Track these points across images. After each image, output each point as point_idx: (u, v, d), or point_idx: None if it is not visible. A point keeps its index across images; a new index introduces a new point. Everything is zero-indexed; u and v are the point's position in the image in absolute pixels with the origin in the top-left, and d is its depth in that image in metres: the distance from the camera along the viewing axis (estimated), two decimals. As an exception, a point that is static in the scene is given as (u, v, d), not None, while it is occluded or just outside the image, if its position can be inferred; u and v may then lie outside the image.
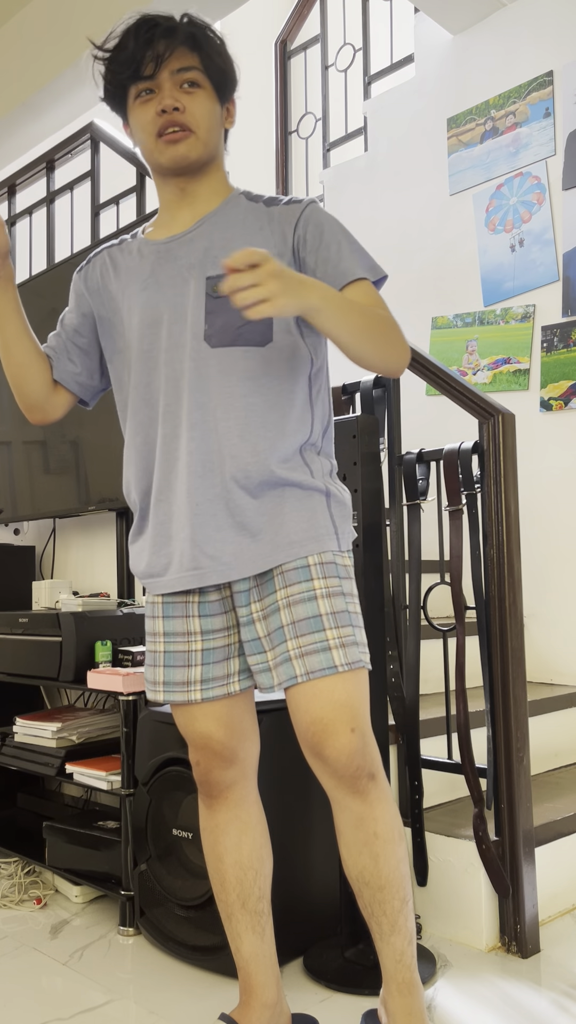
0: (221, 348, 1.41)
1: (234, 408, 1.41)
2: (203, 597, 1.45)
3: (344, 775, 1.37)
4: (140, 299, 1.46)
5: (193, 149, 1.42)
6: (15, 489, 3.11)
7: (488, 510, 1.92)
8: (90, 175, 3.32)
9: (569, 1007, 1.65)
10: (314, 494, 1.44)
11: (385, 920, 1.41)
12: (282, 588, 1.40)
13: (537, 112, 3.12)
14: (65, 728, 2.35)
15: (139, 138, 1.46)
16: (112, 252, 1.55)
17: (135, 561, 1.51)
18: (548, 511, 3.01)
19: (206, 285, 1.42)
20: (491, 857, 1.86)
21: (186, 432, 1.41)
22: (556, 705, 2.63)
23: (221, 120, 1.47)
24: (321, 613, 1.38)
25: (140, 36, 1.39)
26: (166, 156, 1.42)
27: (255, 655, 1.44)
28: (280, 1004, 1.52)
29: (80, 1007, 1.71)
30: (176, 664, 1.46)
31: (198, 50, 1.40)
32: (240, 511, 1.40)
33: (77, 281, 1.58)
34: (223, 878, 1.51)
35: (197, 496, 1.40)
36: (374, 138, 3.69)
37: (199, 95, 1.41)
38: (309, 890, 1.89)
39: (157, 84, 1.40)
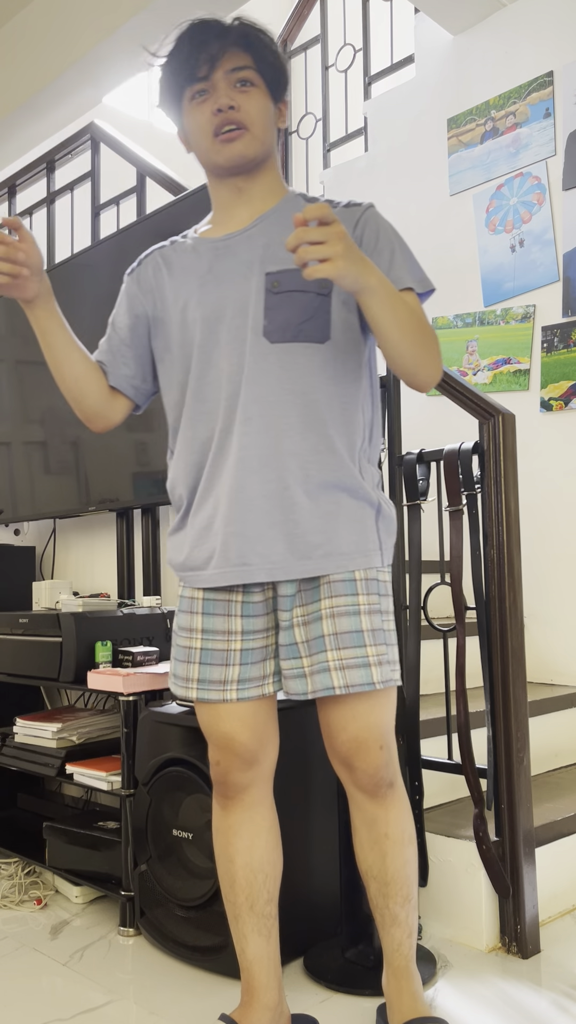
0: (281, 344, 1.41)
1: (295, 405, 1.41)
2: (247, 597, 1.45)
3: (367, 785, 1.46)
4: (197, 295, 1.46)
5: (250, 147, 1.43)
6: (15, 489, 3.11)
7: (488, 510, 1.92)
8: (90, 175, 3.33)
9: (569, 1007, 1.65)
10: (365, 506, 1.45)
11: (388, 913, 1.50)
12: (327, 598, 1.42)
13: (537, 112, 3.12)
14: (65, 728, 2.35)
15: (195, 139, 1.46)
16: (164, 252, 1.55)
17: (173, 554, 1.51)
18: (548, 511, 3.01)
19: (266, 281, 1.42)
20: (491, 857, 1.86)
21: (240, 426, 1.41)
22: (556, 705, 2.63)
23: (275, 119, 1.48)
24: (363, 629, 1.42)
25: (193, 39, 1.41)
26: (223, 155, 1.43)
27: (290, 660, 1.44)
28: (281, 1006, 1.53)
29: (80, 1007, 1.71)
30: (214, 662, 1.46)
31: (251, 50, 1.42)
32: (295, 510, 1.40)
33: (129, 283, 1.57)
34: (233, 879, 1.52)
35: (250, 491, 1.40)
36: (374, 138, 3.69)
37: (253, 93, 1.42)
38: (309, 891, 1.89)
39: (211, 84, 1.41)
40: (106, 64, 3.09)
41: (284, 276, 1.42)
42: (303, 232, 1.19)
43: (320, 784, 1.92)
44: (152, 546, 2.74)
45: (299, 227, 1.20)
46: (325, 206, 1.20)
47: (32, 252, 1.38)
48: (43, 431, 2.99)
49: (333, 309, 1.43)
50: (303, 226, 1.20)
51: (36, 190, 4.32)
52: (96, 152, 3.33)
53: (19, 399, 3.10)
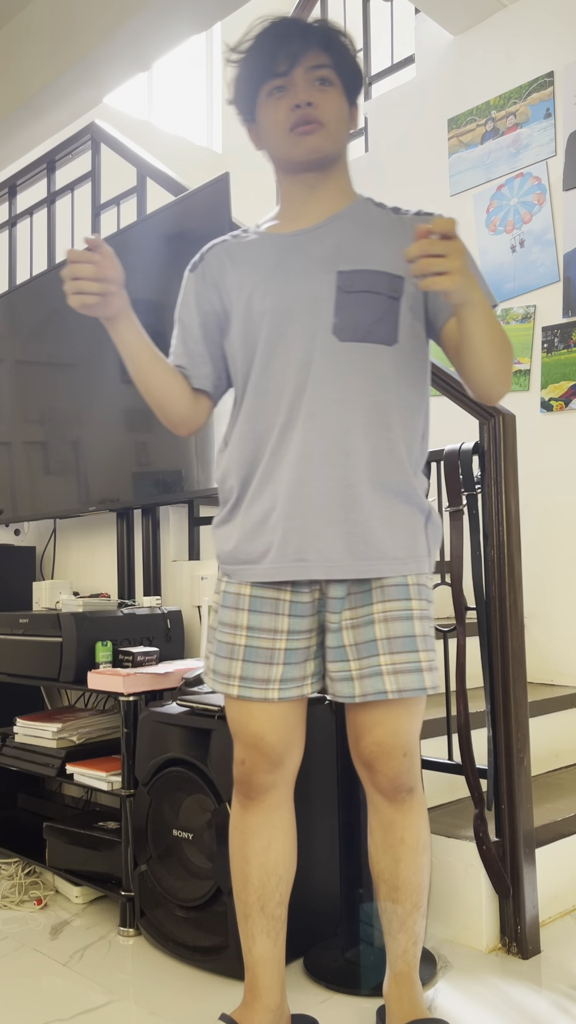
0: (350, 343, 1.41)
1: (361, 404, 1.41)
2: (296, 596, 1.45)
3: (386, 788, 1.47)
4: (262, 289, 1.46)
5: (325, 143, 1.43)
6: (16, 490, 3.11)
7: (488, 511, 1.92)
8: (91, 176, 3.32)
9: (569, 1008, 1.65)
10: (416, 511, 1.46)
11: (395, 919, 1.50)
12: (380, 602, 1.42)
13: (538, 113, 3.12)
14: (65, 729, 2.35)
15: (269, 134, 1.46)
16: (227, 245, 1.54)
17: (220, 545, 1.50)
18: (549, 511, 3.01)
19: (337, 279, 1.42)
20: (491, 858, 1.86)
21: (303, 423, 1.41)
22: (557, 706, 2.63)
23: (348, 120, 1.48)
24: (416, 634, 1.43)
25: (277, 35, 1.42)
26: (299, 149, 1.43)
27: (337, 662, 1.44)
28: (282, 1008, 1.53)
29: (80, 1008, 1.71)
30: (258, 660, 1.45)
31: (331, 50, 1.43)
32: (355, 509, 1.40)
33: (193, 279, 1.55)
34: (246, 878, 1.51)
35: (312, 488, 1.40)
36: (375, 139, 3.69)
37: (331, 92, 1.43)
38: (310, 892, 1.89)
39: (290, 81, 1.42)
40: (106, 64, 3.08)
41: (356, 276, 1.42)
42: (427, 244, 1.19)
43: (321, 785, 1.92)
44: (152, 546, 2.74)
45: (421, 238, 1.20)
46: (451, 221, 1.21)
47: (115, 268, 1.37)
48: (43, 431, 2.99)
49: (401, 313, 1.43)
50: (425, 238, 1.20)
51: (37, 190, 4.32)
52: (96, 152, 3.33)
53: (19, 399, 3.10)
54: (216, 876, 1.80)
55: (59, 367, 2.94)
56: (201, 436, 2.46)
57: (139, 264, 2.66)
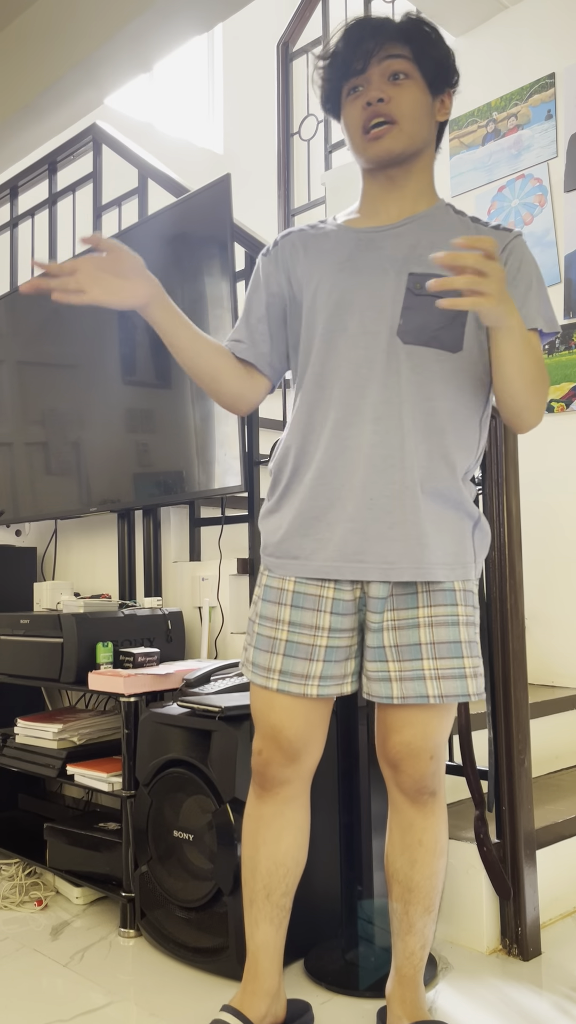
0: (412, 346, 1.41)
1: (421, 409, 1.41)
2: (339, 593, 1.44)
3: (409, 789, 1.47)
4: (331, 280, 1.45)
5: (397, 141, 1.42)
6: (17, 490, 3.11)
7: (490, 512, 1.92)
8: (92, 177, 3.33)
9: (570, 1010, 1.65)
10: (465, 517, 1.46)
11: (406, 920, 1.50)
12: (426, 606, 1.42)
13: (539, 114, 3.12)
14: (66, 729, 2.35)
15: (348, 134, 1.47)
16: (303, 234, 1.54)
17: (268, 537, 1.50)
18: (549, 513, 3.01)
19: (408, 280, 1.42)
20: (492, 859, 1.86)
21: (370, 424, 1.41)
22: (557, 707, 2.63)
23: (432, 112, 1.46)
24: (461, 640, 1.43)
25: (351, 36, 1.42)
26: (370, 152, 1.43)
27: (376, 662, 1.44)
28: (279, 993, 1.55)
29: (81, 1009, 1.71)
30: (299, 656, 1.45)
31: (410, 42, 1.41)
32: (413, 512, 1.40)
33: (264, 263, 1.56)
34: (255, 866, 1.52)
35: (373, 491, 1.40)
36: (376, 140, 3.69)
37: (407, 85, 1.41)
38: (311, 892, 1.89)
39: (366, 79, 1.42)
40: (108, 66, 3.09)
41: (428, 280, 1.40)
42: (471, 259, 1.17)
43: (322, 786, 1.92)
44: (153, 547, 2.74)
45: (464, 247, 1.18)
46: (495, 242, 1.19)
47: (126, 259, 1.36)
48: (44, 432, 2.99)
49: (468, 322, 1.43)
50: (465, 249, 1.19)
51: (38, 191, 4.32)
52: (98, 153, 3.33)
53: (21, 400, 3.10)
54: (217, 877, 1.80)
55: (60, 368, 2.94)
56: (202, 437, 2.46)
57: (140, 265, 2.66)
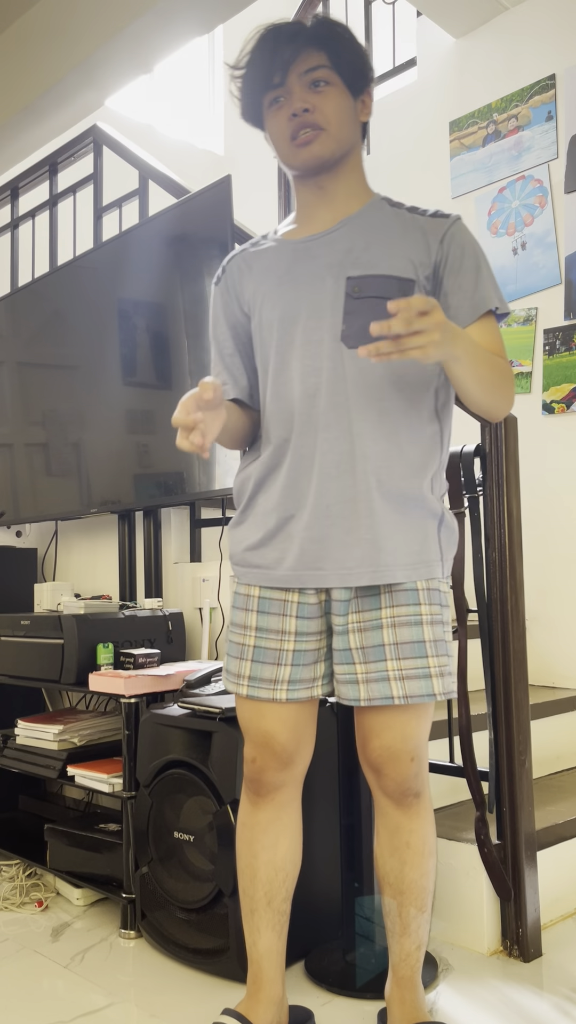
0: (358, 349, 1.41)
1: (371, 411, 1.41)
2: (303, 598, 1.46)
3: (393, 792, 1.47)
4: (275, 295, 1.47)
5: (325, 147, 1.42)
6: (17, 491, 3.11)
7: (490, 513, 1.92)
8: (93, 178, 3.33)
9: (570, 1011, 1.65)
10: (429, 516, 1.45)
11: (399, 922, 1.50)
12: (388, 607, 1.42)
13: (539, 115, 3.12)
14: (67, 730, 2.35)
15: (275, 146, 1.47)
16: (245, 255, 1.55)
17: (235, 547, 1.52)
18: (550, 514, 3.01)
19: (346, 285, 1.42)
20: (493, 860, 1.86)
21: (321, 432, 1.42)
22: (558, 708, 2.63)
23: (355, 114, 1.46)
24: (425, 639, 1.42)
25: (266, 46, 1.41)
26: (299, 158, 1.43)
27: (343, 665, 1.45)
28: (283, 1000, 1.54)
29: (81, 1010, 1.71)
30: (266, 661, 1.46)
31: (326, 47, 1.41)
32: (368, 516, 1.40)
33: (218, 294, 1.57)
34: (254, 874, 1.52)
35: (328, 498, 1.41)
36: (376, 141, 3.69)
37: (329, 92, 1.42)
38: (311, 894, 1.88)
39: (287, 89, 1.42)
40: (108, 67, 3.09)
41: (366, 282, 1.41)
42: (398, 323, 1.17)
43: (323, 788, 1.92)
44: (154, 548, 2.74)
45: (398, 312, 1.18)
46: (425, 299, 1.18)
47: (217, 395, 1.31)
48: (45, 433, 2.99)
49: None
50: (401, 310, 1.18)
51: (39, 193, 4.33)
52: (98, 155, 3.33)
53: (21, 401, 3.10)
54: (217, 878, 1.80)
55: (61, 369, 2.94)
56: (203, 438, 2.46)
57: (141, 266, 2.66)
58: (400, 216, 1.48)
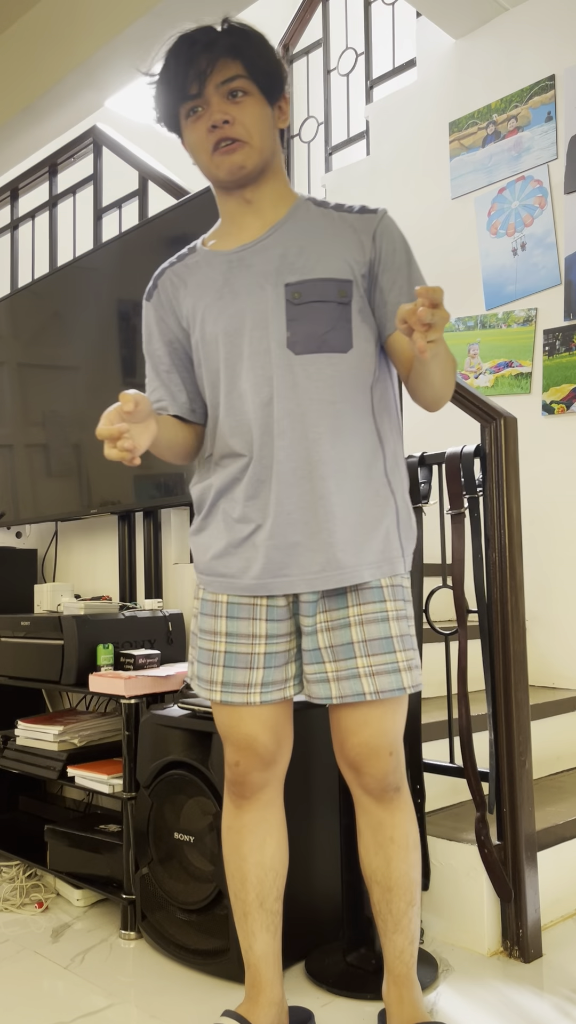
0: (305, 355, 1.42)
1: (323, 415, 1.42)
2: (271, 601, 1.46)
3: (374, 789, 1.47)
4: (215, 309, 1.46)
5: (249, 159, 1.42)
6: (17, 492, 3.11)
7: (490, 514, 1.92)
8: (93, 179, 3.33)
9: (571, 1011, 1.65)
10: (389, 514, 1.47)
11: (390, 919, 1.50)
12: (355, 605, 1.44)
13: (539, 116, 3.12)
14: (67, 731, 2.35)
15: (196, 156, 1.46)
16: (176, 269, 1.54)
17: (199, 556, 1.52)
18: (550, 515, 3.01)
19: (285, 292, 1.42)
20: (493, 861, 1.86)
21: (276, 440, 1.42)
22: (558, 709, 2.63)
23: (273, 122, 1.46)
24: (392, 635, 1.44)
25: (181, 56, 1.39)
26: (223, 169, 1.42)
27: (313, 664, 1.46)
28: (283, 1001, 1.55)
29: (81, 1011, 1.71)
30: (238, 665, 1.47)
31: (241, 56, 1.39)
32: (330, 519, 1.41)
33: (151, 309, 1.56)
34: (244, 877, 1.53)
35: (289, 505, 1.41)
36: (376, 142, 3.69)
37: (247, 103, 1.40)
38: (311, 894, 1.88)
39: (204, 100, 1.40)
40: (108, 68, 3.09)
41: (304, 287, 1.42)
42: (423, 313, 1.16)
43: (322, 788, 1.92)
44: (154, 549, 2.74)
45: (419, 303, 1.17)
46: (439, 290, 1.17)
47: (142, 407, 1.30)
48: (45, 434, 2.99)
49: (352, 318, 1.44)
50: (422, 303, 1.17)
51: (39, 193, 4.33)
52: (98, 156, 3.33)
53: (21, 402, 3.10)
54: (218, 879, 1.80)
55: (61, 370, 2.94)
56: (203, 439, 2.46)
57: (141, 268, 2.66)
58: (328, 216, 1.48)
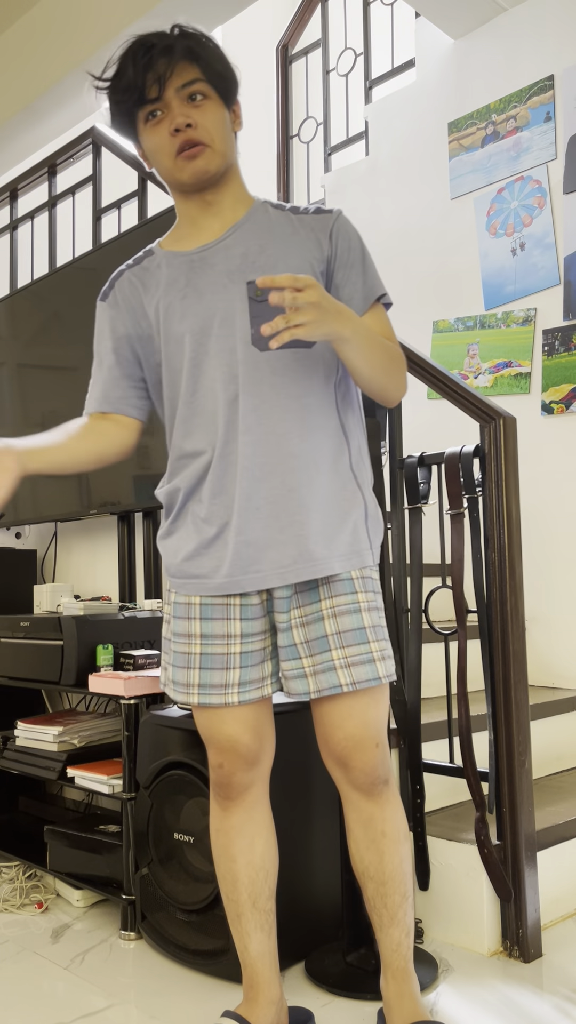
0: (271, 351, 1.43)
1: (290, 410, 1.43)
2: (245, 600, 1.47)
3: (363, 783, 1.47)
4: (180, 308, 1.47)
5: (212, 162, 1.43)
6: (17, 492, 3.11)
7: (489, 514, 1.92)
8: (92, 179, 3.33)
9: (571, 1011, 1.65)
10: (357, 507, 1.48)
11: (385, 913, 1.50)
12: (327, 598, 1.44)
13: (538, 116, 3.12)
14: (66, 732, 2.35)
15: (156, 160, 1.46)
16: (135, 272, 1.54)
17: (169, 558, 1.52)
18: (549, 514, 3.01)
19: (248, 289, 1.43)
20: (493, 861, 1.86)
21: (241, 436, 1.42)
22: (558, 709, 2.63)
23: (231, 125, 1.47)
24: (365, 626, 1.45)
25: (138, 60, 1.40)
26: (187, 173, 1.43)
27: (290, 660, 1.46)
28: (282, 1000, 1.55)
29: (81, 1012, 1.71)
30: (215, 667, 1.47)
31: (198, 61, 1.41)
32: (300, 513, 1.42)
33: (106, 307, 1.56)
34: (235, 878, 1.53)
35: (257, 500, 1.42)
36: (375, 142, 3.69)
37: (207, 106, 1.42)
38: (311, 894, 1.88)
39: (164, 104, 1.41)
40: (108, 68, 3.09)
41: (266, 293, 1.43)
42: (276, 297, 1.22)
43: (321, 788, 1.92)
44: (153, 549, 2.74)
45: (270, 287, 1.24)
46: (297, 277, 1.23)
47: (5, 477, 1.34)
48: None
49: None
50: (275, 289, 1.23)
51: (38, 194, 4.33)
52: (98, 156, 3.33)
53: (20, 402, 3.10)
54: (218, 880, 1.80)
55: (60, 370, 2.94)
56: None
57: (140, 267, 2.66)
58: (287, 216, 1.50)
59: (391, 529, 2.10)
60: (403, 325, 3.52)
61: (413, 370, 2.05)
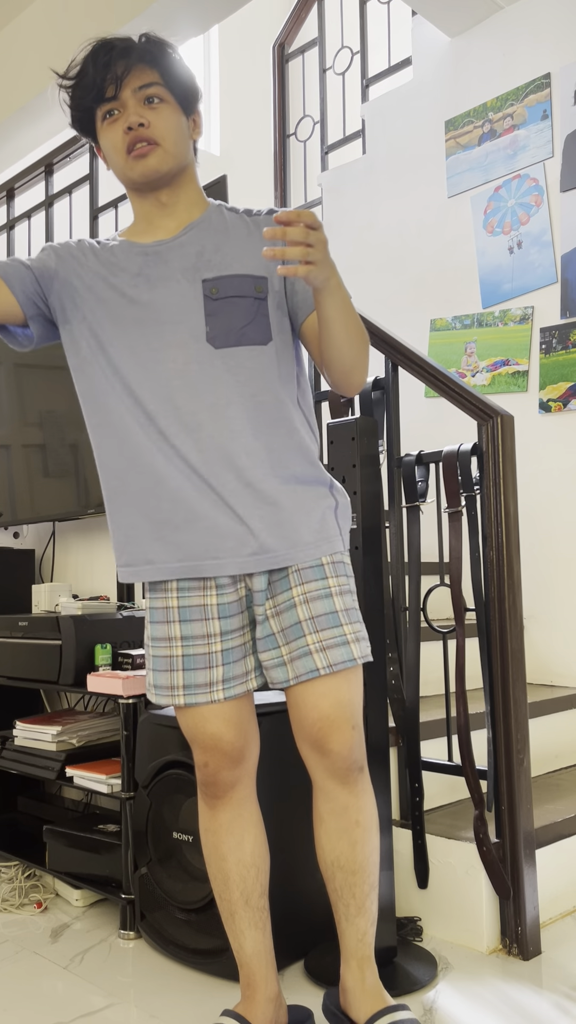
0: (226, 348, 1.44)
1: (245, 407, 1.44)
2: (221, 597, 1.47)
3: (340, 768, 1.47)
4: (129, 295, 1.47)
5: (163, 162, 1.45)
6: (14, 492, 3.11)
7: (487, 512, 1.92)
8: (88, 179, 3.33)
9: (570, 1009, 1.65)
10: (323, 496, 1.50)
11: (353, 903, 1.50)
12: (298, 585, 1.46)
13: (535, 114, 3.12)
14: (65, 731, 2.35)
15: (110, 158, 1.49)
16: (93, 244, 1.54)
17: (119, 554, 1.52)
18: (547, 513, 3.01)
19: (203, 287, 1.45)
20: (492, 859, 1.86)
21: (193, 433, 1.43)
22: (556, 707, 2.63)
23: (188, 132, 1.50)
24: (337, 609, 1.46)
25: (99, 60, 1.43)
26: (136, 171, 1.45)
27: (269, 651, 1.48)
28: (280, 997, 1.55)
29: (81, 1011, 1.71)
30: (198, 667, 1.47)
31: (157, 65, 1.45)
32: (261, 505, 1.44)
33: (50, 248, 1.52)
34: (226, 877, 1.53)
35: (217, 492, 1.43)
36: (372, 141, 3.69)
37: (163, 109, 1.45)
38: (309, 893, 1.89)
39: (121, 103, 1.44)
40: (104, 67, 3.09)
41: (221, 282, 1.45)
42: (294, 232, 1.24)
43: (320, 786, 1.92)
44: (151, 549, 2.74)
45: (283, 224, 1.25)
46: (313, 213, 1.25)
47: None
48: (42, 434, 2.99)
49: (270, 312, 1.48)
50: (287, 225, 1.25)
51: (35, 193, 4.33)
52: (94, 155, 3.33)
53: (18, 402, 3.10)
54: (216, 878, 1.80)
55: (58, 370, 2.94)
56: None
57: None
58: (241, 219, 1.53)
59: (389, 528, 2.10)
60: (400, 323, 3.52)
61: (411, 368, 2.05)
